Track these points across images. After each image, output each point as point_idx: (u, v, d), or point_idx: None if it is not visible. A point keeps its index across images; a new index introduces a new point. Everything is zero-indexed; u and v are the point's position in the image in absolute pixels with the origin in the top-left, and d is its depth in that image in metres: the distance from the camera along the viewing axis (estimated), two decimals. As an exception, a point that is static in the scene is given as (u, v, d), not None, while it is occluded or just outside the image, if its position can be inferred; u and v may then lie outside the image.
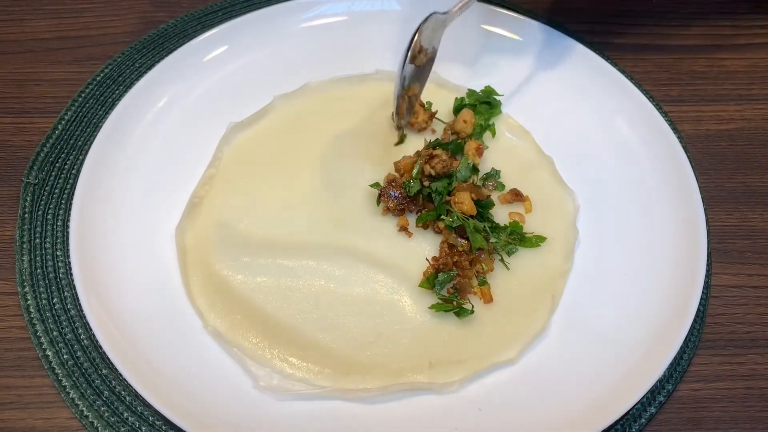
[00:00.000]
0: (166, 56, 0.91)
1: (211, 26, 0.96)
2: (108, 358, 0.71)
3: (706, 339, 0.77)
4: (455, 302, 0.75)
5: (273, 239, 0.79)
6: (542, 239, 0.80)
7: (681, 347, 0.71)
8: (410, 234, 0.80)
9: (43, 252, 0.80)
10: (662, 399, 0.72)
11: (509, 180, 0.85)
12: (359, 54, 0.95)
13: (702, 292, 0.74)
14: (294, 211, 0.82)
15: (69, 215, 0.79)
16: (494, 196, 0.83)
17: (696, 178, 0.81)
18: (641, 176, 0.84)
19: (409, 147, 0.87)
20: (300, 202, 0.83)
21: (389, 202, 0.80)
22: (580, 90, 0.91)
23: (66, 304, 0.76)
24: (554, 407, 0.69)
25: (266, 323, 0.74)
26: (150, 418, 0.70)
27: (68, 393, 0.71)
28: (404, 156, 0.83)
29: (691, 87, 0.97)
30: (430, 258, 0.78)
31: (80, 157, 0.87)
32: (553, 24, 0.99)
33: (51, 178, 0.85)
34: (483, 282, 0.77)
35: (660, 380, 0.73)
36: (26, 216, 0.82)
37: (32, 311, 0.76)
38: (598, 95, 0.90)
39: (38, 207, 0.83)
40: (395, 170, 0.83)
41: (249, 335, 0.73)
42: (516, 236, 0.80)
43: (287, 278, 0.77)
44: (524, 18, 0.95)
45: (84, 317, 0.75)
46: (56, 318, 0.76)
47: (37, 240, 0.81)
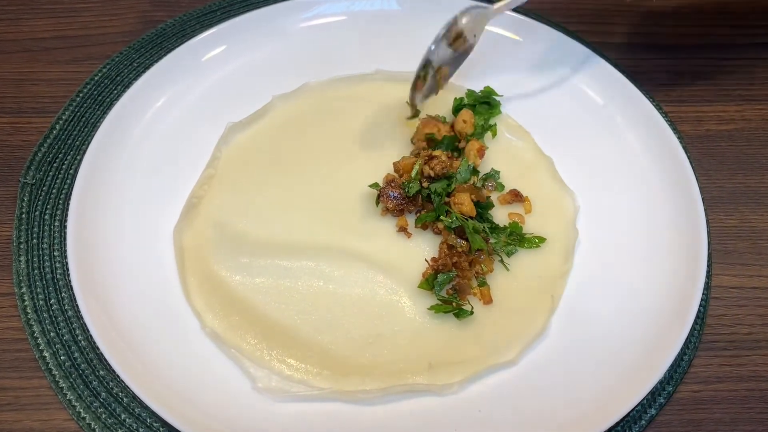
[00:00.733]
0: (165, 56, 0.91)
1: (210, 26, 0.96)
2: (105, 360, 0.70)
3: (707, 340, 0.76)
4: (455, 303, 0.74)
5: (271, 240, 0.79)
6: (542, 240, 0.80)
7: (681, 348, 0.70)
8: (409, 235, 0.80)
9: (41, 252, 0.79)
10: (662, 400, 0.72)
11: (509, 180, 0.85)
12: (358, 54, 0.95)
13: (702, 293, 0.73)
14: (293, 212, 0.81)
15: (66, 216, 0.78)
16: (494, 197, 0.83)
17: (696, 179, 0.80)
18: (641, 177, 0.84)
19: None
20: (299, 203, 0.82)
21: (388, 203, 0.80)
22: (580, 90, 0.91)
23: (63, 305, 0.76)
24: (554, 409, 0.69)
25: (265, 324, 0.74)
26: (148, 420, 0.70)
27: (65, 394, 0.71)
28: (403, 156, 0.83)
29: (692, 87, 0.97)
30: (430, 259, 0.77)
31: (78, 157, 0.87)
32: (553, 24, 0.99)
33: (48, 179, 0.85)
34: (482, 283, 0.76)
35: (660, 382, 0.72)
36: (23, 216, 0.82)
37: (29, 312, 0.76)
38: (598, 96, 0.90)
39: (35, 207, 0.83)
40: (394, 170, 0.83)
41: (247, 336, 0.73)
42: (515, 237, 0.79)
43: (286, 279, 0.77)
44: (524, 18, 0.95)
45: (81, 318, 0.74)
46: (53, 319, 0.75)
47: (35, 240, 0.80)
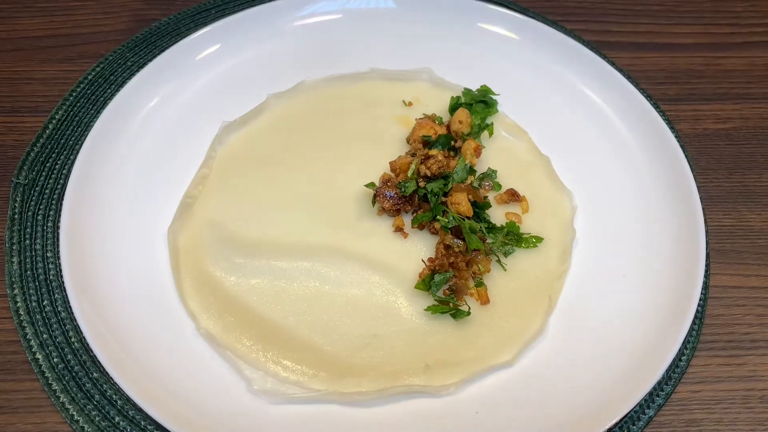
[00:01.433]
0: (159, 55, 0.90)
1: (204, 24, 0.95)
2: (99, 362, 0.70)
3: (705, 340, 0.76)
4: (451, 304, 0.74)
5: (267, 240, 0.78)
6: (539, 240, 0.79)
7: (680, 349, 0.70)
8: (406, 235, 0.79)
9: (33, 253, 0.79)
10: (661, 401, 0.72)
11: (506, 180, 0.84)
12: (354, 52, 0.94)
13: (700, 293, 0.73)
14: (288, 212, 0.81)
15: (59, 216, 0.78)
16: (491, 196, 0.83)
17: (694, 178, 0.80)
18: (639, 176, 0.84)
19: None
20: (294, 203, 0.82)
21: (385, 203, 0.79)
22: (577, 89, 0.91)
23: (56, 307, 0.75)
24: (552, 410, 0.68)
25: (260, 325, 0.73)
26: (142, 423, 0.69)
27: (58, 397, 0.70)
28: (399, 156, 0.83)
29: (689, 86, 0.97)
30: (426, 259, 0.77)
31: (71, 157, 0.86)
32: (551, 23, 0.98)
33: (41, 179, 0.84)
34: (479, 283, 0.76)
35: (659, 382, 0.72)
36: (16, 217, 0.81)
37: (22, 314, 0.75)
38: (595, 95, 0.90)
39: (28, 207, 0.82)
40: (391, 170, 0.82)
41: (242, 338, 0.72)
42: (513, 237, 0.79)
43: (281, 280, 0.76)
44: (521, 16, 0.95)
45: (74, 320, 0.74)
46: (46, 320, 0.74)
47: (27, 241, 0.79)
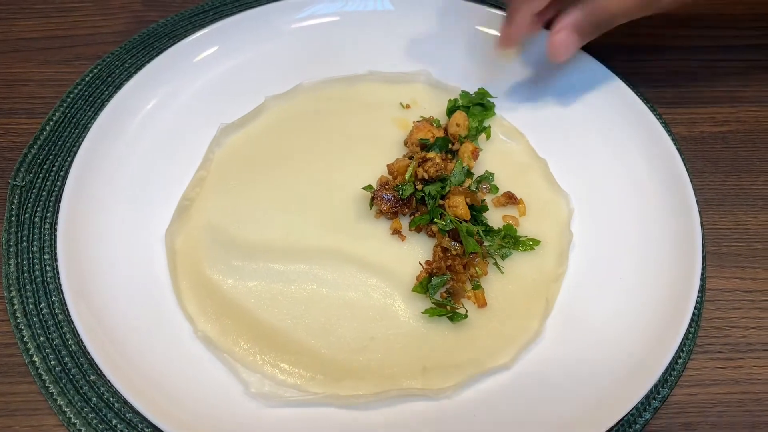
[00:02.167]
0: (157, 56, 0.90)
1: (202, 26, 0.95)
2: (96, 364, 0.70)
3: (701, 343, 0.76)
4: (449, 307, 0.74)
5: (264, 243, 0.79)
6: (536, 242, 0.80)
7: (676, 352, 0.70)
8: (403, 237, 0.79)
9: (30, 256, 0.79)
10: (657, 404, 0.72)
11: (503, 183, 0.84)
12: (352, 55, 0.94)
13: (697, 296, 0.73)
14: (286, 214, 0.81)
15: (57, 218, 0.78)
16: (488, 199, 0.83)
17: (690, 181, 0.80)
18: (635, 179, 0.84)
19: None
20: (292, 205, 0.82)
21: (382, 205, 0.79)
22: (574, 92, 0.91)
23: (53, 309, 0.75)
24: (549, 413, 0.69)
25: (257, 328, 0.73)
26: (139, 426, 0.69)
27: (55, 400, 0.70)
28: (397, 158, 0.83)
29: (685, 89, 0.97)
30: (424, 262, 0.77)
31: (68, 159, 0.86)
32: (547, 26, 0.98)
33: (39, 180, 0.84)
34: (477, 286, 0.76)
35: (655, 385, 0.72)
36: (13, 219, 0.81)
37: (19, 316, 0.75)
38: (592, 97, 0.90)
39: (25, 210, 0.82)
40: (388, 172, 0.82)
41: (240, 341, 0.72)
42: (510, 239, 0.79)
43: (279, 282, 0.76)
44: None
45: (72, 322, 0.74)
46: (43, 323, 0.74)
47: (24, 243, 0.79)
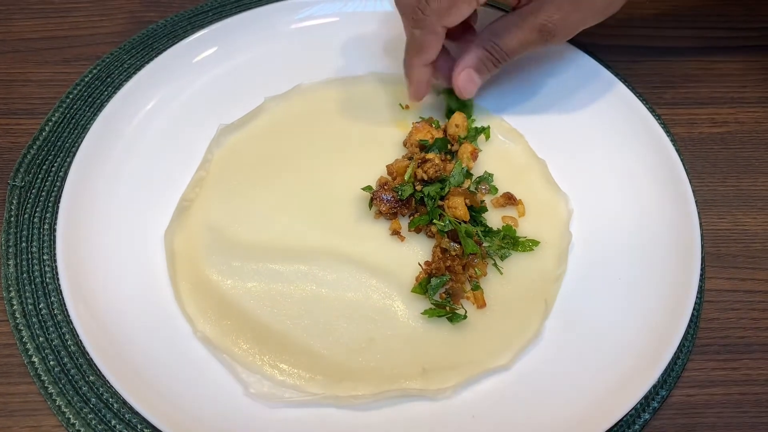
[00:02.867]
0: (156, 57, 0.90)
1: (201, 27, 0.95)
2: (95, 365, 0.70)
3: (700, 344, 0.76)
4: (448, 307, 0.74)
5: (263, 243, 0.79)
6: (535, 243, 0.80)
7: (675, 352, 0.70)
8: (403, 238, 0.79)
9: (30, 256, 0.78)
10: (656, 405, 0.72)
11: (502, 183, 0.84)
12: (351, 55, 0.94)
13: (695, 297, 0.73)
14: (285, 215, 0.81)
15: (56, 219, 0.78)
16: (487, 200, 0.83)
17: (689, 182, 0.80)
18: (634, 179, 0.84)
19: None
20: (291, 206, 0.82)
21: (381, 206, 0.79)
22: (573, 93, 0.91)
23: (53, 310, 0.75)
24: (548, 413, 0.69)
25: (256, 329, 0.73)
26: (138, 426, 0.69)
27: (54, 400, 0.70)
28: (396, 159, 0.83)
29: (684, 90, 0.97)
30: (423, 262, 0.77)
31: (68, 160, 0.86)
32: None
33: (38, 181, 0.84)
34: (476, 287, 0.76)
35: (654, 386, 0.72)
36: (12, 220, 0.81)
37: (18, 317, 0.75)
38: (591, 98, 0.90)
39: (24, 210, 0.82)
40: (388, 173, 0.82)
41: (239, 341, 0.72)
42: (509, 240, 0.79)
43: (278, 283, 0.76)
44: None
45: (71, 323, 0.74)
46: (42, 324, 0.74)
47: (24, 244, 0.79)
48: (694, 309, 0.76)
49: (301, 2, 0.96)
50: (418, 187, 0.79)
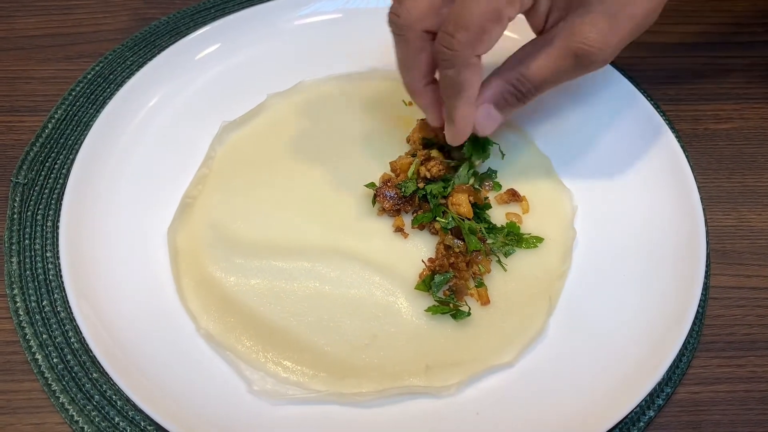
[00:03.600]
0: (158, 54, 0.90)
1: (204, 23, 0.95)
2: (98, 362, 0.69)
3: (705, 341, 0.76)
4: (452, 304, 0.74)
5: (267, 240, 0.78)
6: (540, 240, 0.79)
7: (680, 349, 0.70)
8: (406, 235, 0.79)
9: (33, 253, 0.78)
10: (661, 402, 0.72)
11: (506, 180, 0.84)
12: (354, 52, 0.94)
13: (701, 294, 0.73)
14: (288, 212, 0.81)
15: (59, 216, 0.77)
16: (491, 197, 0.82)
17: (694, 178, 0.80)
18: (639, 176, 0.83)
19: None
20: (294, 203, 0.81)
21: (385, 203, 0.79)
22: (577, 89, 0.90)
23: (56, 307, 0.75)
24: (552, 411, 0.68)
25: (260, 326, 0.73)
26: (141, 423, 0.69)
27: (58, 397, 0.70)
28: (400, 156, 0.82)
29: (689, 86, 0.96)
30: (426, 259, 0.77)
31: (70, 157, 0.86)
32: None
33: (41, 178, 0.84)
34: (480, 284, 0.76)
35: (659, 383, 0.72)
36: (15, 216, 0.81)
37: (21, 314, 0.75)
38: (595, 94, 0.90)
39: (27, 207, 0.82)
40: (391, 170, 0.82)
41: (242, 338, 0.72)
42: (513, 237, 0.79)
43: (281, 280, 0.76)
44: (520, 15, 0.94)
45: (74, 320, 0.73)
46: (46, 321, 0.74)
47: (26, 241, 0.79)
48: (699, 306, 0.75)
49: (304, -1, 0.96)
50: (421, 185, 0.79)
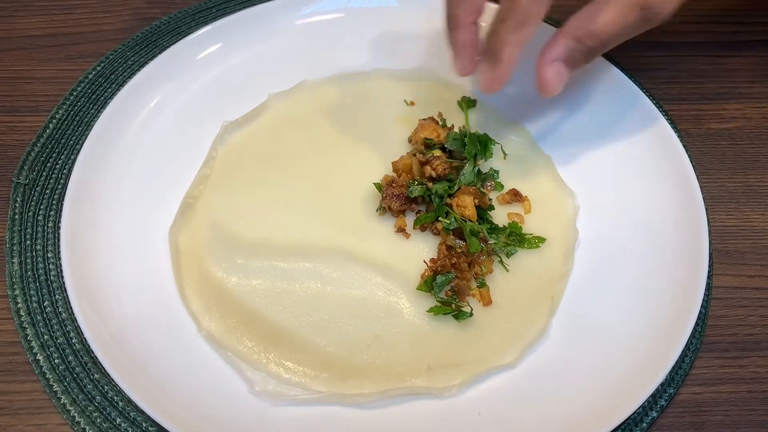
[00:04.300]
0: (159, 54, 0.90)
1: (205, 23, 0.95)
2: (100, 363, 0.69)
3: (708, 341, 0.76)
4: (454, 305, 0.74)
5: (268, 241, 0.78)
6: (542, 240, 0.79)
7: (683, 350, 0.70)
8: (408, 235, 0.79)
9: (34, 254, 0.78)
10: (664, 403, 0.71)
11: (508, 180, 0.84)
12: (356, 51, 0.94)
13: (703, 294, 0.72)
14: (289, 212, 0.81)
15: (60, 216, 0.77)
16: (493, 197, 0.82)
17: (697, 178, 0.80)
18: (641, 176, 0.83)
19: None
20: (295, 203, 0.81)
21: (392, 203, 0.78)
22: (580, 88, 0.90)
23: (57, 307, 0.75)
24: (555, 411, 0.68)
25: (261, 326, 0.73)
26: (143, 424, 0.69)
27: (59, 398, 0.70)
28: (402, 156, 0.82)
29: (692, 85, 0.96)
30: (428, 260, 0.77)
31: (72, 157, 0.86)
32: (553, 22, 0.98)
33: (42, 179, 0.84)
34: (482, 284, 0.76)
35: (662, 384, 0.72)
36: (16, 217, 0.81)
37: (22, 314, 0.75)
38: (597, 93, 0.89)
39: (29, 208, 0.82)
40: (393, 170, 0.82)
41: (244, 339, 0.72)
42: (515, 237, 0.79)
43: (283, 280, 0.76)
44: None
45: (75, 320, 0.73)
46: (47, 321, 0.74)
47: (28, 241, 0.79)
48: (702, 306, 0.75)
49: (306, -2, 0.96)
50: (429, 185, 0.79)
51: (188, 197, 0.81)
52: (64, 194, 0.78)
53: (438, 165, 0.78)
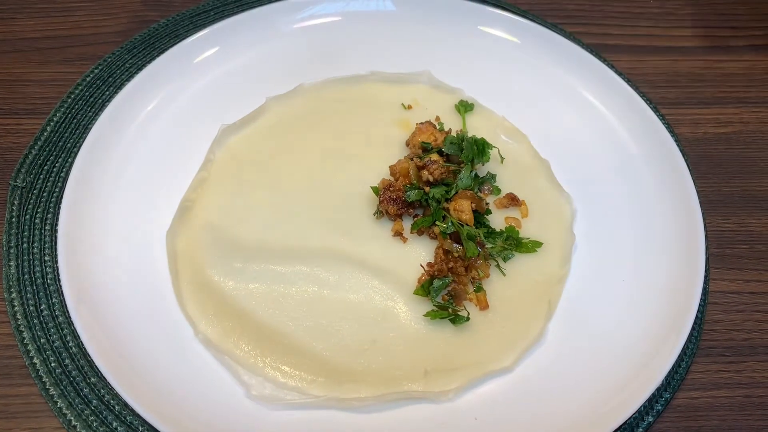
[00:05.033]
0: (157, 57, 0.90)
1: (203, 26, 0.95)
2: (96, 367, 0.69)
3: (704, 346, 0.76)
4: (451, 309, 0.74)
5: (265, 244, 0.78)
6: (539, 244, 0.79)
7: (679, 355, 0.70)
8: (405, 239, 0.79)
9: (31, 257, 0.78)
10: (660, 407, 0.71)
11: (505, 184, 0.84)
12: (353, 55, 0.94)
13: (700, 299, 0.73)
14: (287, 216, 0.81)
15: (57, 219, 0.77)
16: (490, 201, 0.82)
17: (693, 182, 0.80)
18: (638, 180, 0.83)
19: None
20: (293, 206, 0.81)
21: (390, 207, 0.78)
22: (577, 93, 0.91)
23: (54, 311, 0.75)
24: (551, 416, 0.68)
25: (258, 330, 0.73)
26: (139, 428, 0.69)
27: (56, 402, 0.70)
28: (399, 160, 0.82)
29: (689, 90, 0.96)
30: (425, 264, 0.77)
31: (69, 160, 0.85)
32: (551, 26, 0.98)
33: (39, 181, 0.84)
34: (479, 288, 0.76)
35: (658, 388, 0.72)
36: (13, 220, 0.81)
37: (19, 318, 0.74)
38: (595, 98, 0.90)
39: (26, 211, 0.82)
40: (390, 174, 0.82)
41: (241, 343, 0.72)
42: (512, 241, 0.79)
43: (280, 284, 0.76)
44: (521, 19, 0.94)
45: (72, 324, 0.73)
46: (44, 325, 0.74)
47: (25, 245, 0.79)
48: (698, 311, 0.75)
49: (303, 2, 0.95)
50: (427, 189, 0.79)
51: (186, 200, 0.81)
52: (62, 197, 0.78)
53: (435, 169, 0.78)
